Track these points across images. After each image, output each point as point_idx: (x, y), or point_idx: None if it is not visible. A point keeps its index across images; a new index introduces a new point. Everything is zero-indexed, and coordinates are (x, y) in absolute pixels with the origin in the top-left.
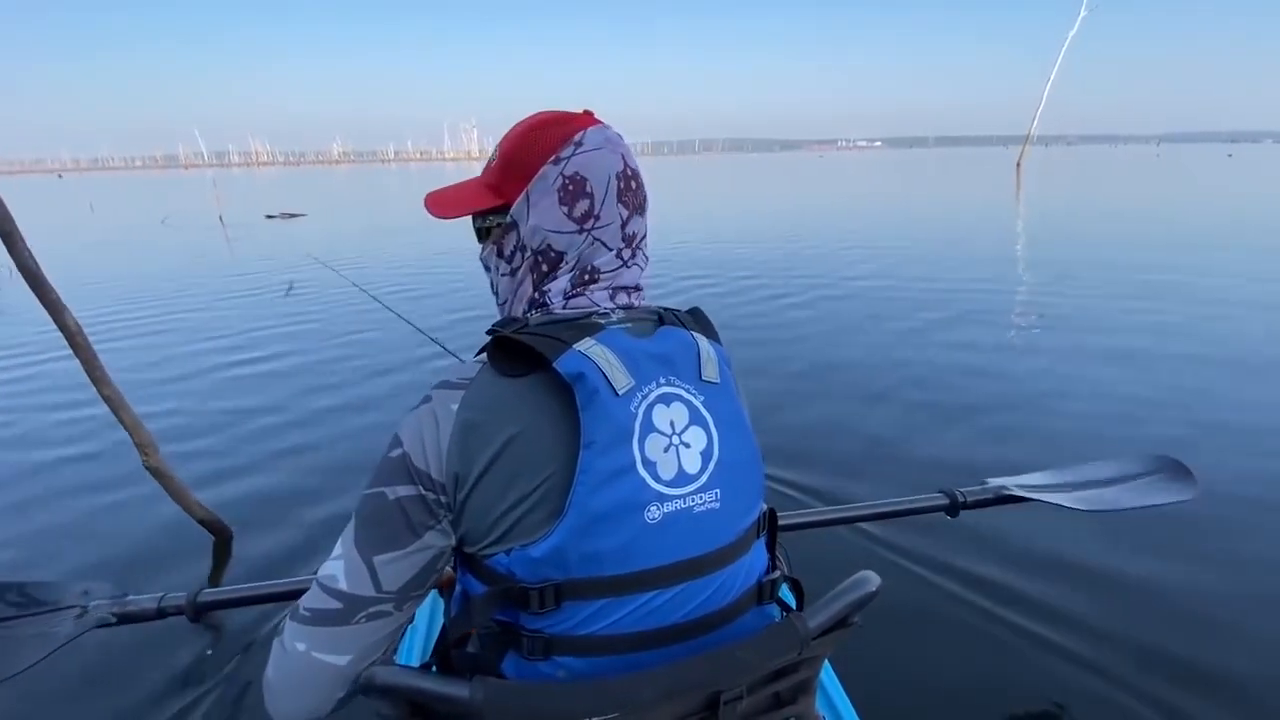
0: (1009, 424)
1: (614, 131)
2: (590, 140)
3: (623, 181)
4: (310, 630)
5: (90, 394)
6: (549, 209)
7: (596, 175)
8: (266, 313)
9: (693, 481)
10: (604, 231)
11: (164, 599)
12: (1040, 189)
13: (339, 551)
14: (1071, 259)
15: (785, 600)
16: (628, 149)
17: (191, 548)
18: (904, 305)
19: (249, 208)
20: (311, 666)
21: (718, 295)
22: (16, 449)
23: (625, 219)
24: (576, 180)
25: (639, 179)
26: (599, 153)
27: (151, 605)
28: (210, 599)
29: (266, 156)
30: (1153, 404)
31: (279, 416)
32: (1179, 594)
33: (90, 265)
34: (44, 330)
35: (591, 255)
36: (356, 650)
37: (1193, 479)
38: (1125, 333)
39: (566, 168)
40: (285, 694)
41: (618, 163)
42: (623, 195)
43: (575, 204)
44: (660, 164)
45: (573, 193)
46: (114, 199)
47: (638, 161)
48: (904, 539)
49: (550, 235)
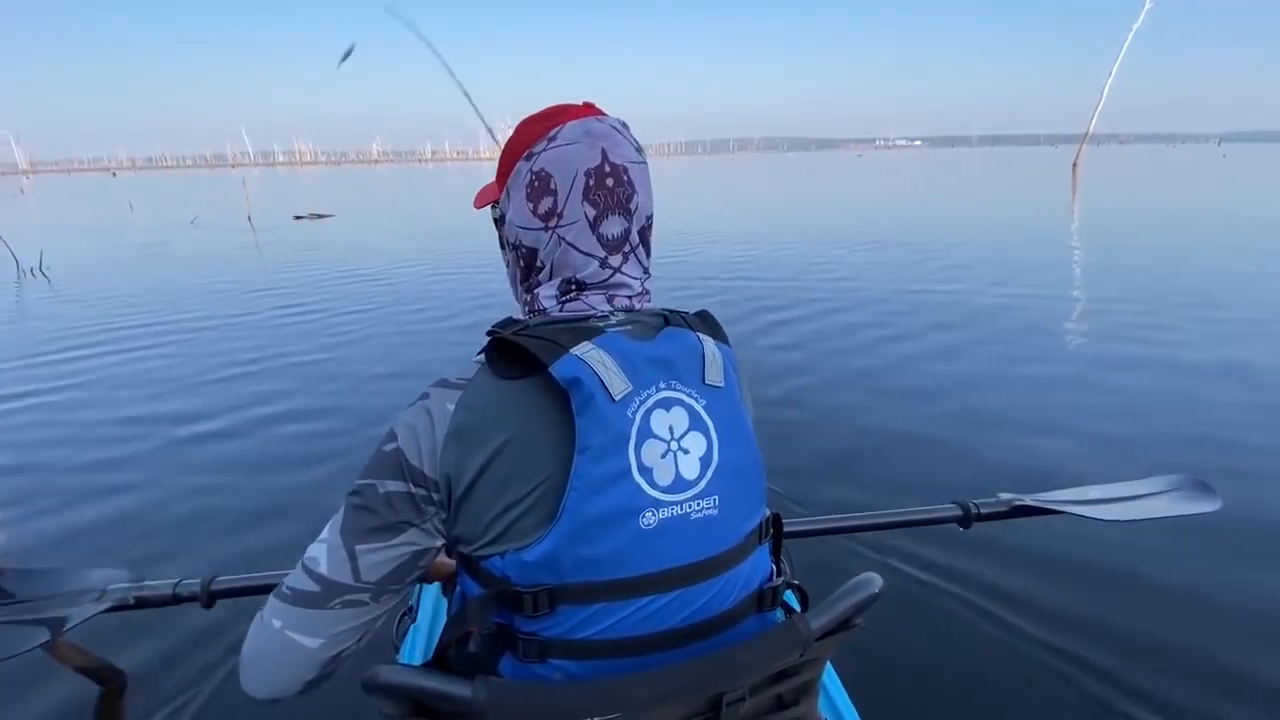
0: (1032, 444)
1: (607, 125)
2: (565, 135)
3: (593, 179)
4: (288, 609)
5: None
6: (519, 205)
7: (562, 171)
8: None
9: (690, 488)
10: (568, 230)
11: (179, 584)
12: (1102, 191)
13: (324, 535)
14: (1139, 267)
15: (789, 605)
16: (619, 143)
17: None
18: (961, 313)
19: (282, 207)
20: (284, 645)
21: (753, 297)
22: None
23: (593, 218)
24: (542, 176)
25: (622, 176)
26: (571, 148)
27: (167, 590)
28: (224, 586)
29: (309, 156)
30: (1199, 435)
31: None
32: (1195, 609)
33: (102, 270)
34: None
35: (565, 259)
36: (328, 635)
37: (1214, 493)
38: (1199, 347)
39: (535, 163)
40: (256, 668)
41: (593, 159)
42: (592, 193)
43: (540, 200)
44: (694, 163)
45: (538, 189)
46: (157, 197)
47: (637, 156)
48: (910, 543)
49: (521, 232)
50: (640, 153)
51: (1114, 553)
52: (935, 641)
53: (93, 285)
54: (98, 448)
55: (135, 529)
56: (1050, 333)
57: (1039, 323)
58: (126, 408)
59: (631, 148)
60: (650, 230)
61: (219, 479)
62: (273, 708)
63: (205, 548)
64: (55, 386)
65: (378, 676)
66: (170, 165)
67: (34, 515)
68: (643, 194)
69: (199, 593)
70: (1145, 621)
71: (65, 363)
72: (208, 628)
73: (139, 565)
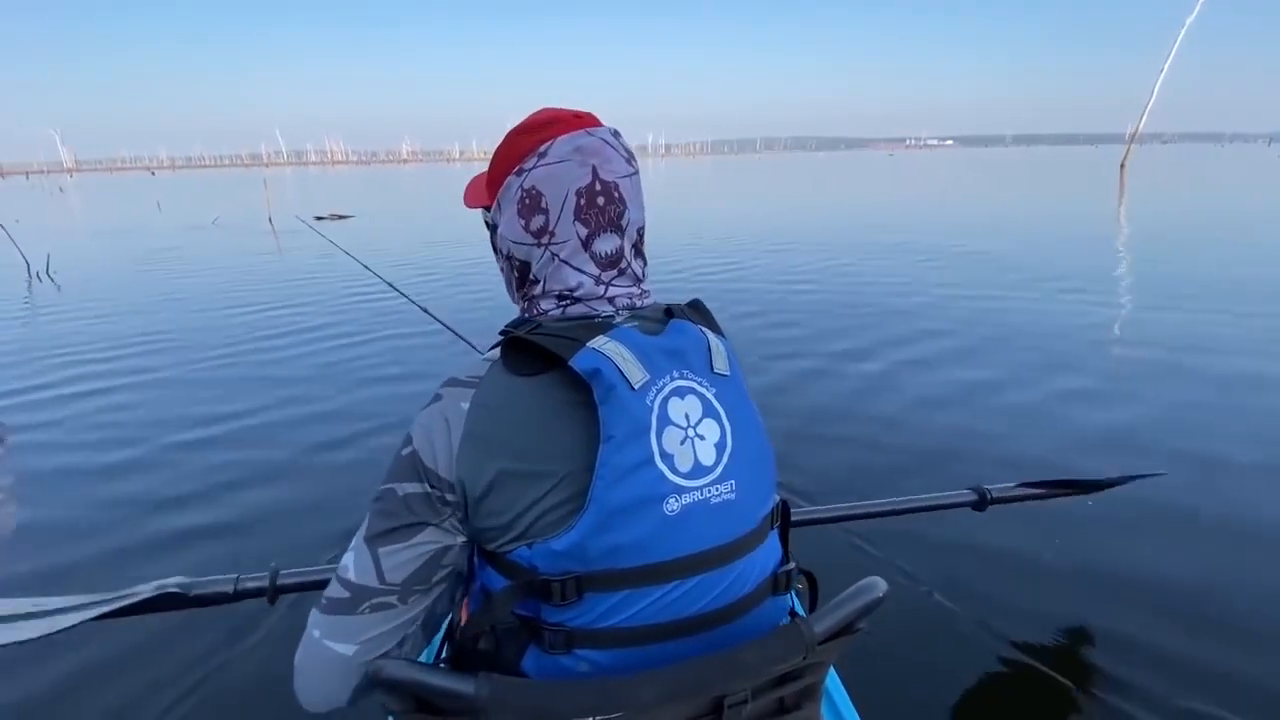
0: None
1: (597, 139)
2: (555, 152)
3: (584, 198)
4: (323, 618)
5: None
6: (511, 220)
7: (553, 190)
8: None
9: (709, 473)
10: (561, 248)
11: (240, 580)
12: (1153, 193)
13: (353, 543)
14: (1201, 272)
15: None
16: (609, 158)
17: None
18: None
19: (306, 208)
20: (322, 653)
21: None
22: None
23: (585, 237)
24: (533, 194)
25: (613, 193)
26: (562, 165)
27: (228, 587)
28: (290, 580)
29: (340, 155)
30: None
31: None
32: (1213, 617)
33: (105, 274)
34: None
35: (558, 275)
36: (360, 640)
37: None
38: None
39: (526, 180)
40: (303, 680)
41: (584, 177)
42: (584, 212)
43: (531, 218)
44: (720, 163)
45: (529, 207)
46: (188, 196)
47: (628, 169)
48: (915, 547)
49: (514, 245)
50: (632, 162)
51: (1123, 557)
52: (939, 647)
53: (95, 291)
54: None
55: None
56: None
57: (1121, 335)
58: (125, 409)
59: (622, 159)
60: (643, 239)
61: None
62: (277, 702)
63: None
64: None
65: (382, 671)
66: (208, 164)
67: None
68: (634, 207)
69: (265, 587)
70: (1153, 628)
71: (53, 370)
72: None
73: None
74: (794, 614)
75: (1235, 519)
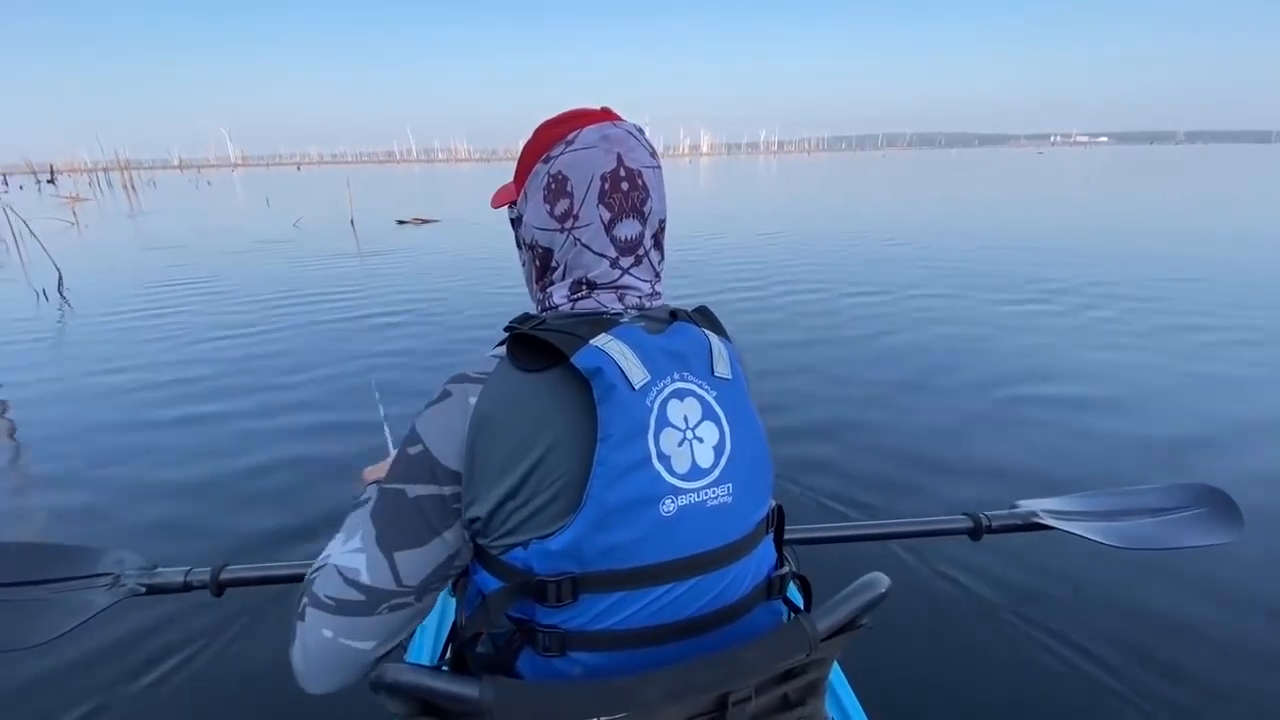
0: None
1: (623, 130)
2: (582, 139)
3: (608, 182)
4: (337, 620)
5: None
6: (536, 206)
7: (579, 175)
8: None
9: (705, 476)
10: (584, 232)
11: (190, 573)
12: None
13: (359, 545)
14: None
15: (793, 600)
16: (634, 148)
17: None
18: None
19: (403, 208)
20: (342, 651)
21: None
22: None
23: (608, 221)
24: (559, 179)
25: (637, 180)
26: (589, 152)
27: (178, 578)
28: (232, 576)
29: (464, 153)
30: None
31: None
32: (1208, 631)
33: (171, 282)
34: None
35: (579, 259)
36: (381, 637)
37: (1239, 516)
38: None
39: (553, 166)
40: (316, 675)
41: (609, 163)
42: (607, 196)
43: (556, 202)
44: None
45: (555, 191)
46: (306, 192)
47: (652, 161)
48: (919, 544)
49: (537, 232)
50: (655, 157)
51: (1123, 563)
52: (943, 642)
53: (109, 301)
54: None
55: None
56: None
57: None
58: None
59: (646, 152)
60: (664, 233)
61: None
62: (281, 703)
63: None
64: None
65: (385, 675)
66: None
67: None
68: (657, 198)
69: (208, 582)
70: (1155, 630)
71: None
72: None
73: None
74: (796, 611)
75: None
